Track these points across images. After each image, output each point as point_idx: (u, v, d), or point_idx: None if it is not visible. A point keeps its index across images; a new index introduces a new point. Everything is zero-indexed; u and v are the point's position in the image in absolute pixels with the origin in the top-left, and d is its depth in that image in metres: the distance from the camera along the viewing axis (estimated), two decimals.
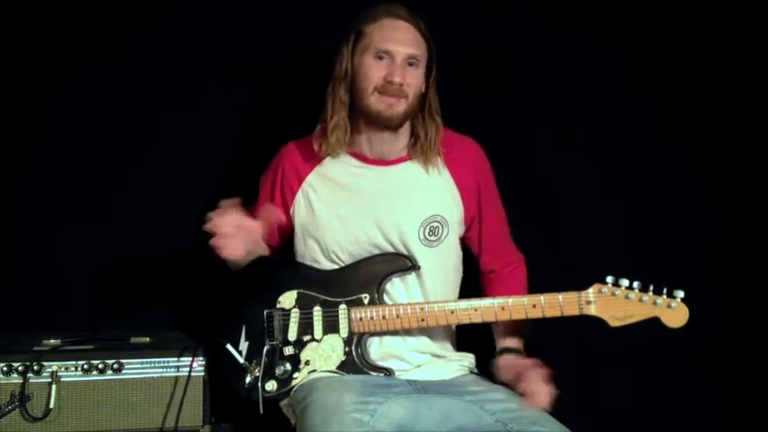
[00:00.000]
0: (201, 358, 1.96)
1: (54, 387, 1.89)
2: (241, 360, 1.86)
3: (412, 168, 1.92)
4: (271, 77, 2.36)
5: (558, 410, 1.73)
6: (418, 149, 1.90)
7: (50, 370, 1.90)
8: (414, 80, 1.85)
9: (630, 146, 2.46)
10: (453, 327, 2.00)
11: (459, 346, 2.02)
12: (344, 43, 1.88)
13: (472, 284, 2.06)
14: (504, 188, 2.05)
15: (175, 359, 1.95)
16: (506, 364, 1.86)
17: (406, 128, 1.92)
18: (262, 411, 1.80)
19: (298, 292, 1.89)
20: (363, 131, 1.90)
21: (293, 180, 1.94)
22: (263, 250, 1.97)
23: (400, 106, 1.84)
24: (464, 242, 2.01)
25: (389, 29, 1.85)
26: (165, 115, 2.32)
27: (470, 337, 2.02)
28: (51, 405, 1.89)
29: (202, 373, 1.96)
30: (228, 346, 1.87)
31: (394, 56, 1.83)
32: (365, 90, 1.84)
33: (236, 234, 1.70)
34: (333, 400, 1.66)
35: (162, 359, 1.95)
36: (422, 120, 1.91)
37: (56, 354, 1.93)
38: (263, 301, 1.90)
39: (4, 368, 1.89)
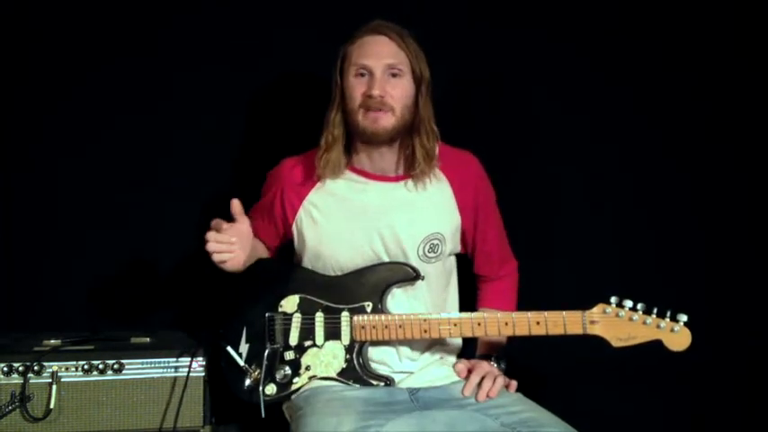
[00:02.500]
0: (202, 359, 1.96)
1: (54, 387, 1.90)
2: (241, 362, 1.86)
3: (413, 185, 1.91)
4: (273, 85, 2.35)
5: None
6: (414, 163, 1.87)
7: (51, 370, 1.91)
8: (398, 91, 1.82)
9: (630, 159, 2.45)
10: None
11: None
12: (334, 68, 1.88)
13: (474, 295, 2.08)
14: (503, 202, 2.05)
15: (176, 359, 1.95)
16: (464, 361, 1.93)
17: (403, 143, 1.90)
18: (264, 415, 1.80)
19: (300, 297, 1.88)
20: (362, 149, 1.89)
21: (294, 198, 1.94)
22: (262, 252, 1.97)
23: (387, 120, 1.82)
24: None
25: (366, 45, 1.84)
26: (167, 118, 2.32)
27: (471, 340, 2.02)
28: (52, 405, 1.89)
29: (203, 374, 1.96)
30: (229, 349, 1.87)
31: (372, 70, 1.81)
32: (352, 110, 1.84)
33: (234, 246, 1.71)
34: (331, 428, 1.65)
35: (162, 359, 1.96)
36: (415, 133, 1.87)
37: (56, 354, 1.93)
38: (265, 304, 1.89)
39: (5, 368, 1.89)
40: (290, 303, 1.88)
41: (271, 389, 1.85)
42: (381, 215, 1.89)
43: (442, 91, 1.94)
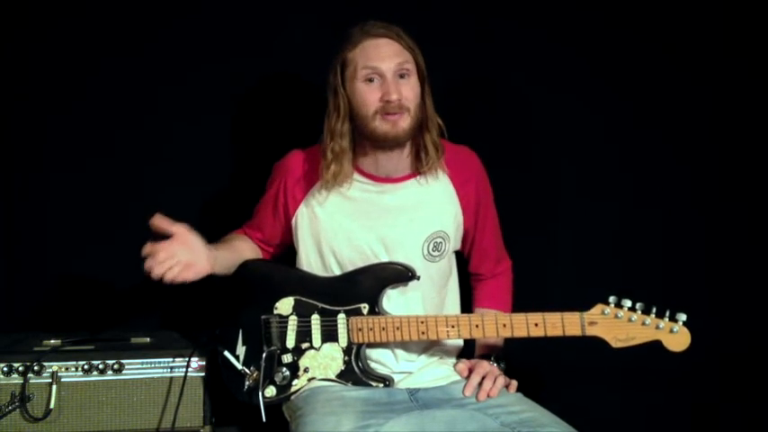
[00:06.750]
0: (202, 358, 1.96)
1: (54, 387, 1.90)
2: (239, 366, 1.86)
3: (418, 185, 1.90)
4: (269, 87, 2.35)
5: None
6: (426, 159, 1.87)
7: (51, 370, 1.91)
8: (410, 91, 1.81)
9: (630, 158, 2.45)
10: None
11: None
12: (332, 75, 1.85)
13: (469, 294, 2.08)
14: (502, 201, 2.05)
15: (176, 360, 1.96)
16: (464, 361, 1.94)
17: (410, 142, 1.89)
18: (264, 419, 1.79)
19: (295, 299, 1.87)
20: (370, 153, 1.87)
21: (297, 192, 1.93)
22: (230, 257, 1.93)
23: (405, 121, 1.81)
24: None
25: (371, 49, 1.81)
26: (167, 117, 2.32)
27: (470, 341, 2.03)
28: (52, 405, 1.90)
29: (203, 374, 1.96)
30: (226, 353, 1.86)
31: (383, 73, 1.79)
32: (365, 116, 1.81)
33: (176, 256, 1.74)
34: (330, 427, 1.65)
35: (162, 360, 1.96)
36: (425, 129, 1.87)
37: (56, 354, 1.94)
38: (260, 307, 1.88)
39: (5, 368, 1.89)
40: (284, 306, 1.87)
41: (270, 391, 1.84)
42: (385, 215, 1.88)
43: (442, 90, 1.94)
